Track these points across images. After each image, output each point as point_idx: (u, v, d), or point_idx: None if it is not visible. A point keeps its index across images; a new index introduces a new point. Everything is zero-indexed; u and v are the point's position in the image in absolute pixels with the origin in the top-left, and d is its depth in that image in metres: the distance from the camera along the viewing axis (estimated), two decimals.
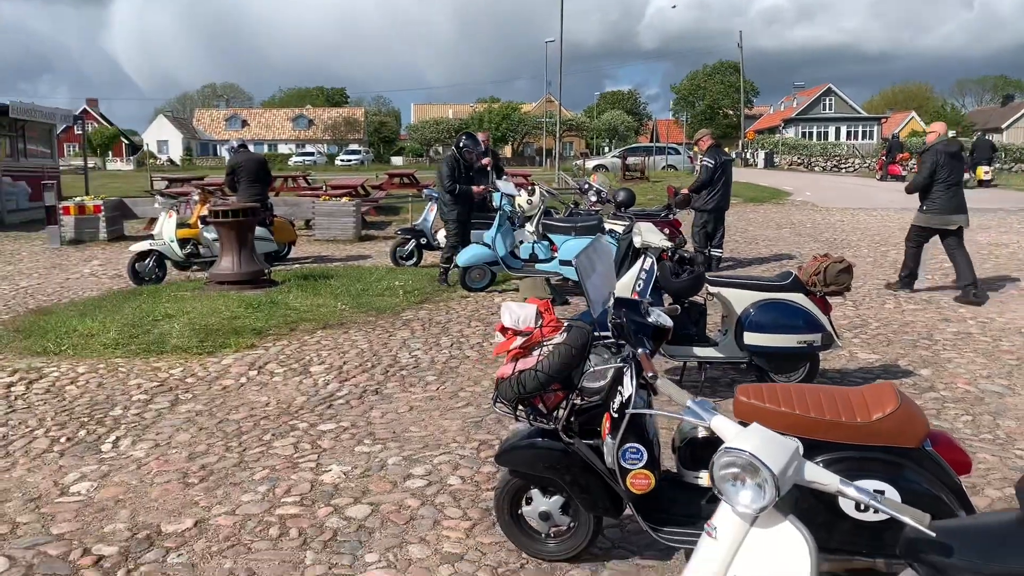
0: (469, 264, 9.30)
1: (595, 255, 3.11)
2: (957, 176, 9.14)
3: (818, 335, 5.57)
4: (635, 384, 3.06)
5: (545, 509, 3.49)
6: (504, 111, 67.89)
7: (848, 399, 3.26)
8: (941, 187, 9.05)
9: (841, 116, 60.66)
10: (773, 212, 19.34)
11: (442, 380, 6.27)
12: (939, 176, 9.02)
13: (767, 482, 1.78)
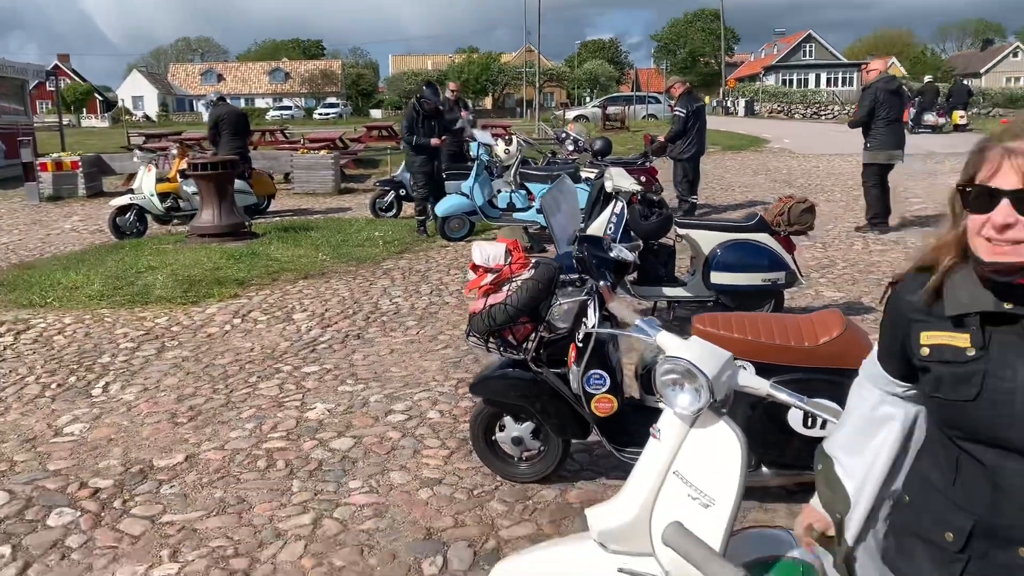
0: (448, 214, 9.44)
1: (560, 195, 3.29)
2: (896, 112, 9.46)
3: (782, 273, 5.79)
4: (598, 315, 3.26)
5: (517, 435, 3.72)
6: (483, 62, 67.14)
7: (797, 325, 3.50)
8: (882, 123, 9.36)
9: (822, 63, 60.48)
10: (750, 159, 19.50)
11: (422, 325, 6.47)
12: (879, 113, 9.32)
13: (703, 386, 1.99)
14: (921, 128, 25.04)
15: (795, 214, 5.81)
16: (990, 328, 1.48)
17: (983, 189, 1.41)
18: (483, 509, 3.59)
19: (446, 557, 3.23)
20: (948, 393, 1.51)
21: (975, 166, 1.46)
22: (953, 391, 1.50)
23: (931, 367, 1.55)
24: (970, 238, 1.45)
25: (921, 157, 18.41)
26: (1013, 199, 1.36)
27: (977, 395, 1.47)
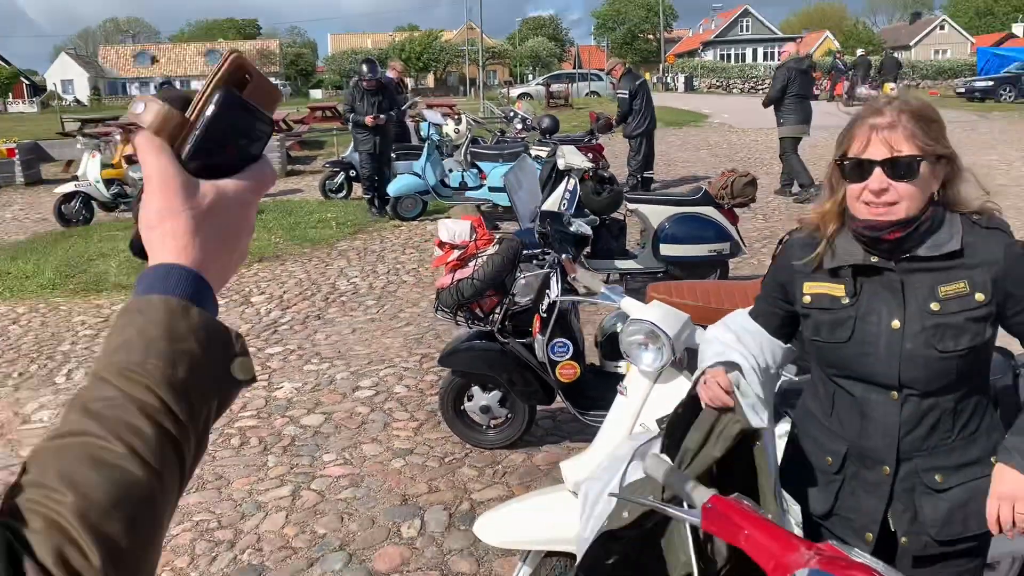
0: (400, 194, 9.52)
1: (521, 174, 3.46)
2: (805, 90, 10.31)
3: (727, 244, 6.07)
4: (560, 287, 3.46)
5: (485, 403, 3.91)
6: (424, 40, 66.62)
7: (744, 290, 3.74)
8: (793, 100, 10.22)
9: (758, 38, 61.43)
10: (691, 135, 19.88)
11: (381, 304, 6.60)
12: (790, 90, 10.15)
13: (665, 345, 2.20)
14: (855, 101, 25.75)
15: (738, 187, 6.08)
16: (861, 279, 1.76)
17: (857, 161, 1.67)
18: (455, 475, 3.78)
19: (423, 520, 3.41)
20: (826, 336, 1.79)
21: (847, 142, 1.72)
22: (830, 334, 1.78)
23: (811, 313, 1.82)
24: (850, 203, 1.72)
25: None
26: (884, 167, 1.63)
27: (849, 337, 1.76)
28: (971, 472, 1.73)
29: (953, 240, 1.64)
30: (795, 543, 1.16)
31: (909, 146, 1.62)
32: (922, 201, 1.66)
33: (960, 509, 1.73)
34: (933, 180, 1.66)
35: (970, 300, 1.66)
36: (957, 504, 1.73)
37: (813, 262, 1.78)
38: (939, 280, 1.66)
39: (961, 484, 1.73)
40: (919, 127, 1.63)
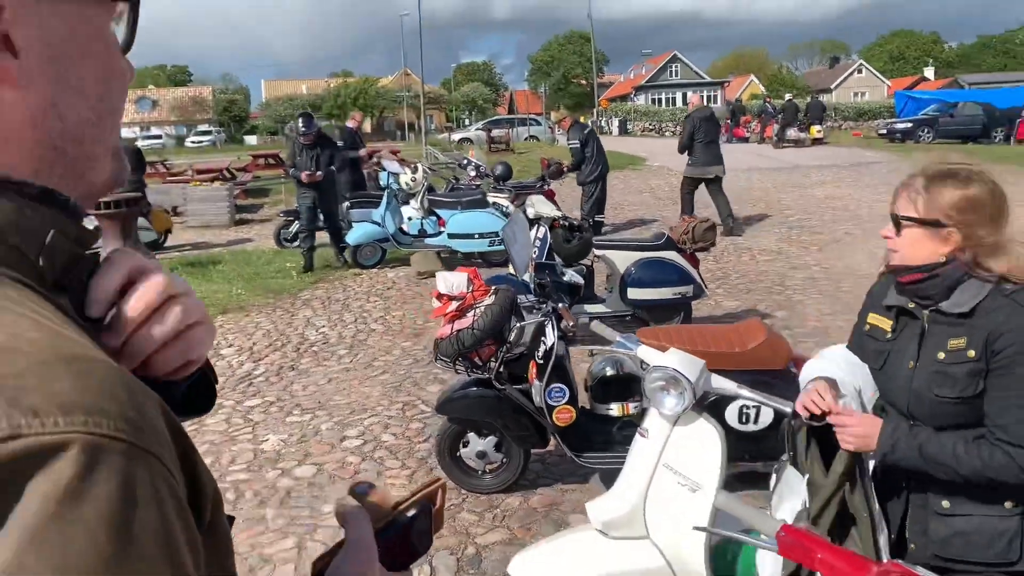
0: (360, 242, 9.61)
1: (516, 227, 3.64)
2: (711, 136, 11.40)
3: (690, 287, 6.33)
4: (556, 334, 3.62)
5: (481, 449, 4.02)
6: (360, 85, 66.88)
7: (727, 334, 3.97)
8: (700, 145, 11.31)
9: (687, 82, 63.43)
10: (632, 178, 20.44)
11: (354, 352, 6.65)
12: (697, 136, 11.26)
13: (686, 389, 2.37)
14: (785, 143, 26.87)
15: (699, 232, 6.38)
16: (903, 319, 2.04)
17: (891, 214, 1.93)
18: (455, 520, 3.87)
19: (432, 565, 3.48)
20: (871, 362, 2.10)
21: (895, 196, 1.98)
22: (873, 361, 2.08)
23: (866, 341, 2.12)
24: None
25: (788, 170, 19.86)
26: (892, 219, 1.90)
27: (882, 366, 2.06)
28: (979, 508, 1.88)
29: (969, 303, 1.83)
30: (866, 563, 1.33)
31: (907, 208, 1.90)
32: (921, 256, 1.90)
33: (961, 536, 1.90)
34: (939, 242, 1.86)
35: (963, 355, 1.84)
36: (959, 531, 1.90)
37: (879, 297, 2.07)
38: (951, 334, 1.87)
39: (966, 515, 1.89)
40: (925, 194, 1.87)
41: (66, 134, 0.62)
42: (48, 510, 0.44)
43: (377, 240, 9.65)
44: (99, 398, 0.49)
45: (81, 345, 0.54)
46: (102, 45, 0.65)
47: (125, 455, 0.48)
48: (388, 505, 0.87)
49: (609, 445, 3.96)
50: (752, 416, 3.80)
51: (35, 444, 0.45)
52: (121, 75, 0.68)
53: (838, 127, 40.81)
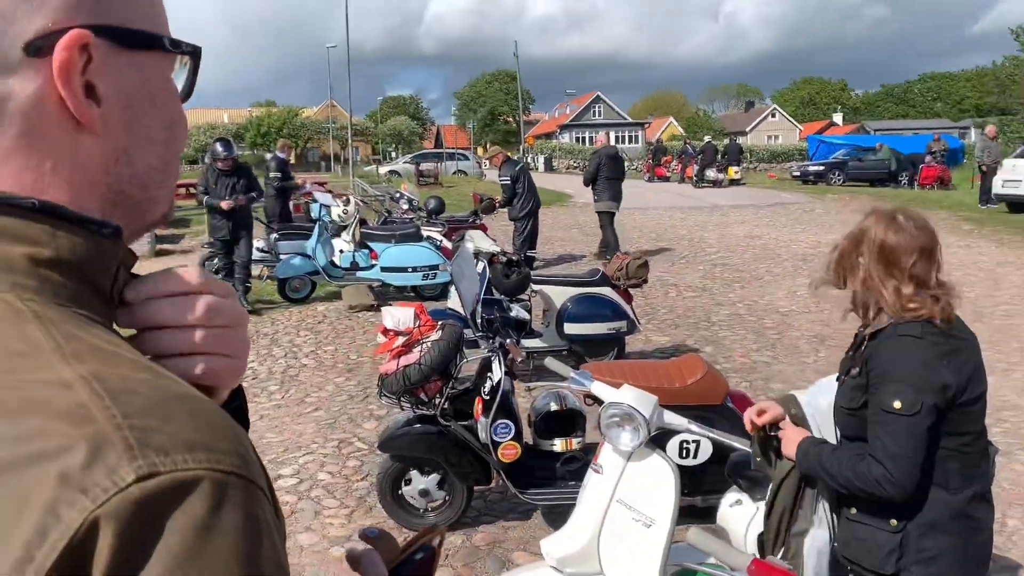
0: (290, 275, 9.44)
1: (463, 262, 3.65)
2: (616, 173, 12.13)
3: (624, 322, 6.45)
4: (503, 370, 3.63)
5: (424, 487, 3.98)
6: (283, 116, 66.13)
7: (667, 369, 4.05)
8: (603, 181, 12.01)
9: (609, 122, 64.94)
10: (560, 214, 20.73)
11: (285, 389, 6.51)
12: (602, 172, 11.99)
13: (641, 425, 2.41)
14: (704, 183, 27.73)
15: (632, 269, 6.51)
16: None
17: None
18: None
19: None
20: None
21: None
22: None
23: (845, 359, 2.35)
24: None
25: (708, 210, 20.46)
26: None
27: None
28: (872, 519, 2.08)
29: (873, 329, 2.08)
30: None
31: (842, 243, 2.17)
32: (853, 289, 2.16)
33: (857, 541, 2.11)
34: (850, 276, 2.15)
35: (856, 371, 2.11)
36: (856, 536, 2.11)
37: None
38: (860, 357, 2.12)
39: (864, 524, 2.10)
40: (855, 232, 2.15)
41: (134, 179, 0.65)
42: (188, 543, 0.47)
43: (307, 273, 9.50)
44: (215, 435, 0.52)
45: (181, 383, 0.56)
46: (168, 94, 0.68)
47: (243, 489, 0.51)
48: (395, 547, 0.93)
49: (552, 481, 3.97)
50: (692, 451, 3.88)
51: (171, 481, 0.47)
52: (183, 122, 0.70)
53: (754, 169, 42.36)
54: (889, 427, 1.94)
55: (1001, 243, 13.56)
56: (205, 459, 0.49)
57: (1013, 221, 15.55)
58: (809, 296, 9.61)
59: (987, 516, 2.07)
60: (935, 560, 1.99)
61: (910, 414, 1.92)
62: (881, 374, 1.98)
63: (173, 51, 0.67)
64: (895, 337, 2.00)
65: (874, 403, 1.99)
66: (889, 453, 1.92)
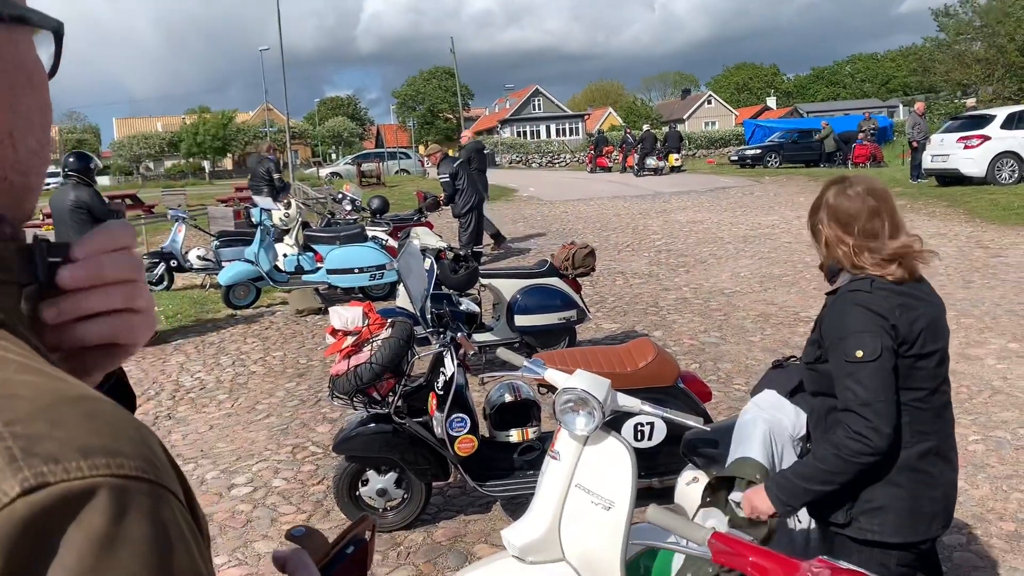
0: (233, 282, 9.27)
1: (410, 258, 3.62)
2: (481, 165, 12.84)
3: (574, 311, 6.48)
4: (456, 364, 3.62)
5: (382, 486, 3.95)
6: (219, 121, 64.85)
7: (618, 354, 4.08)
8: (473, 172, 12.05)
9: (549, 115, 65.15)
10: (505, 209, 20.75)
11: (234, 397, 6.39)
12: (472, 164, 12.27)
13: (595, 409, 2.42)
14: (645, 171, 28.02)
15: (579, 258, 6.54)
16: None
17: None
18: None
19: None
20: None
21: None
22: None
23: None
24: None
25: (651, 197, 20.69)
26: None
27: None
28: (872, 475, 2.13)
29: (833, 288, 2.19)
30: (795, 562, 1.40)
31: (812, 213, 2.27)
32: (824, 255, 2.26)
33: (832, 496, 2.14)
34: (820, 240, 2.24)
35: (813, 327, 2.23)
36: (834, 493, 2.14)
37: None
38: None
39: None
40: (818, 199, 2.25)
41: (17, 165, 0.60)
42: (86, 560, 0.42)
43: (251, 279, 9.33)
44: (115, 438, 0.48)
45: (79, 384, 0.52)
46: (41, 76, 0.63)
47: (150, 495, 0.47)
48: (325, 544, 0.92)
49: (510, 472, 3.97)
50: (647, 433, 3.92)
51: (63, 492, 0.43)
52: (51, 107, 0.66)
53: (693, 155, 42.95)
54: (856, 376, 1.99)
55: (933, 215, 14.00)
56: (104, 465, 0.45)
57: (943, 194, 16.06)
58: (752, 277, 9.80)
59: (943, 472, 2.12)
60: (881, 511, 2.05)
61: (873, 359, 1.99)
62: (838, 329, 2.05)
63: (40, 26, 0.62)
64: (847, 293, 2.11)
65: (837, 359, 2.05)
66: (861, 400, 1.98)
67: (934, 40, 37.54)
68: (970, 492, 4.05)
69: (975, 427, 4.88)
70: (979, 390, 5.49)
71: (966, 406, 5.19)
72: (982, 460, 4.43)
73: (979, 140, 16.19)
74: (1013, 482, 4.15)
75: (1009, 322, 7.01)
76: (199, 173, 60.22)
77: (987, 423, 4.93)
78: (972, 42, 34.55)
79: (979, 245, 10.98)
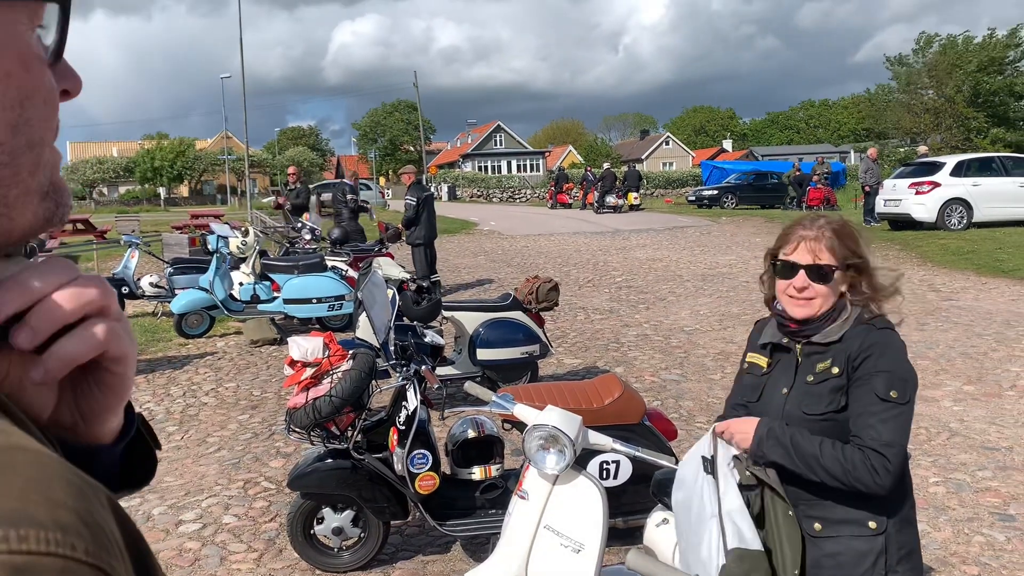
0: (186, 310, 9.03)
1: (374, 288, 3.53)
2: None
3: (536, 346, 6.41)
4: (419, 398, 3.51)
5: (338, 524, 3.80)
6: (176, 148, 64.03)
7: (584, 390, 4.01)
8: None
9: (511, 151, 65.72)
10: (466, 242, 20.72)
11: (184, 429, 6.17)
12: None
13: (567, 446, 2.35)
14: (605, 209, 28.27)
15: (543, 293, 6.49)
16: (777, 355, 2.19)
17: (787, 263, 2.03)
18: None
19: None
20: (747, 396, 2.21)
21: (781, 244, 2.08)
22: (750, 395, 2.21)
23: (744, 377, 2.26)
24: (778, 294, 2.08)
25: (610, 234, 20.84)
26: (807, 271, 1.98)
27: (759, 398, 2.18)
28: (847, 529, 2.02)
29: (840, 332, 2.04)
30: None
31: (828, 256, 2.02)
32: (833, 299, 2.06)
33: (830, 558, 2.01)
34: (843, 283, 2.06)
35: (829, 373, 2.04)
36: (828, 554, 2.01)
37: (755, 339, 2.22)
38: (819, 360, 2.06)
39: (834, 537, 2.02)
40: (838, 241, 2.04)
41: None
42: None
43: (205, 308, 9.10)
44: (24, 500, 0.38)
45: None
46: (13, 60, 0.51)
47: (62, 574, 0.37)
48: None
49: (472, 511, 3.85)
50: (612, 471, 3.83)
51: None
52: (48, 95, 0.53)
53: (651, 194, 43.55)
54: (883, 416, 1.92)
55: (886, 259, 14.27)
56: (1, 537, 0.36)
57: (895, 238, 16.43)
58: (712, 315, 9.85)
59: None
60: (911, 555, 1.99)
61: (904, 402, 1.94)
62: (872, 366, 1.97)
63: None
64: (876, 330, 2.02)
65: (862, 395, 1.96)
66: (885, 441, 1.90)
67: (886, 88, 38.81)
68: (933, 535, 4.04)
69: (935, 469, 4.89)
70: (937, 432, 5.53)
71: (925, 447, 5.21)
72: (943, 503, 4.43)
73: (930, 186, 16.64)
74: (974, 525, 4.15)
75: (963, 364, 7.12)
76: (154, 199, 59.26)
77: (946, 465, 4.95)
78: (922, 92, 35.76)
79: (931, 288, 11.21)
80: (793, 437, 1.98)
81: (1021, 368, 6.94)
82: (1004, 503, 4.39)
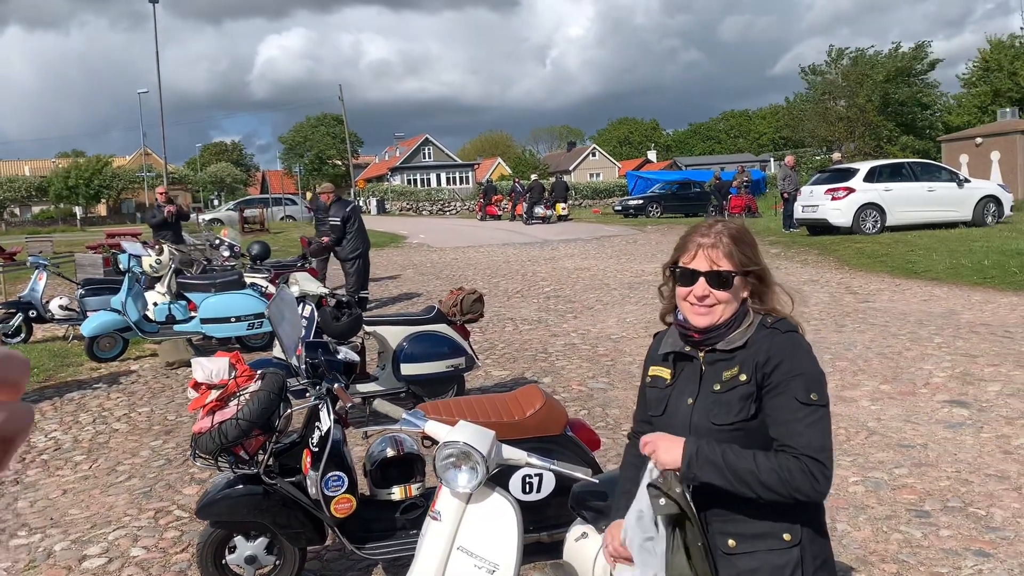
0: (97, 333, 8.64)
1: (283, 305, 3.38)
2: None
3: (462, 359, 6.31)
4: (332, 418, 3.38)
5: (251, 553, 3.62)
6: (92, 166, 61.84)
7: (505, 402, 3.93)
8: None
9: (440, 164, 65.61)
10: (395, 255, 20.50)
11: (93, 458, 5.86)
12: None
13: (479, 463, 2.26)
14: (533, 220, 28.39)
15: (467, 304, 6.40)
16: (680, 364, 2.11)
17: (686, 270, 1.97)
18: None
19: None
20: (653, 410, 2.14)
21: (679, 253, 2.03)
22: (655, 408, 2.13)
23: (648, 391, 2.18)
24: (678, 302, 2.02)
25: (539, 245, 20.90)
26: (707, 278, 1.94)
27: (663, 411, 2.11)
28: (762, 543, 1.96)
29: (743, 338, 1.98)
30: None
31: (727, 262, 1.96)
32: (735, 306, 2.01)
33: (748, 574, 1.96)
34: (743, 289, 2.01)
35: (736, 381, 1.97)
36: (745, 570, 1.96)
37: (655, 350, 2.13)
38: (725, 367, 1.99)
39: (749, 553, 1.96)
40: (735, 247, 1.98)
41: None
42: None
43: (117, 330, 8.72)
44: None
45: None
46: None
47: None
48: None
49: (392, 532, 3.73)
50: (535, 485, 3.76)
51: None
52: None
53: (579, 205, 43.95)
54: (809, 420, 1.87)
55: (806, 263, 14.67)
56: None
57: (814, 243, 16.89)
58: (638, 322, 9.91)
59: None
60: (826, 564, 1.95)
61: (824, 404, 1.91)
62: (787, 371, 1.91)
63: None
64: (781, 334, 1.97)
65: (783, 402, 1.90)
66: (817, 446, 1.85)
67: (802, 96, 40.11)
68: (852, 535, 4.09)
69: (854, 468, 4.97)
70: (856, 431, 5.64)
71: (844, 447, 5.30)
72: (862, 501, 4.50)
73: (845, 192, 17.16)
74: (892, 522, 4.22)
75: (880, 364, 7.30)
76: (70, 219, 57.04)
77: (865, 464, 5.04)
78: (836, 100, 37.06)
79: (849, 291, 11.52)
80: (725, 455, 1.89)
81: (933, 366, 7.16)
82: (920, 499, 4.48)
